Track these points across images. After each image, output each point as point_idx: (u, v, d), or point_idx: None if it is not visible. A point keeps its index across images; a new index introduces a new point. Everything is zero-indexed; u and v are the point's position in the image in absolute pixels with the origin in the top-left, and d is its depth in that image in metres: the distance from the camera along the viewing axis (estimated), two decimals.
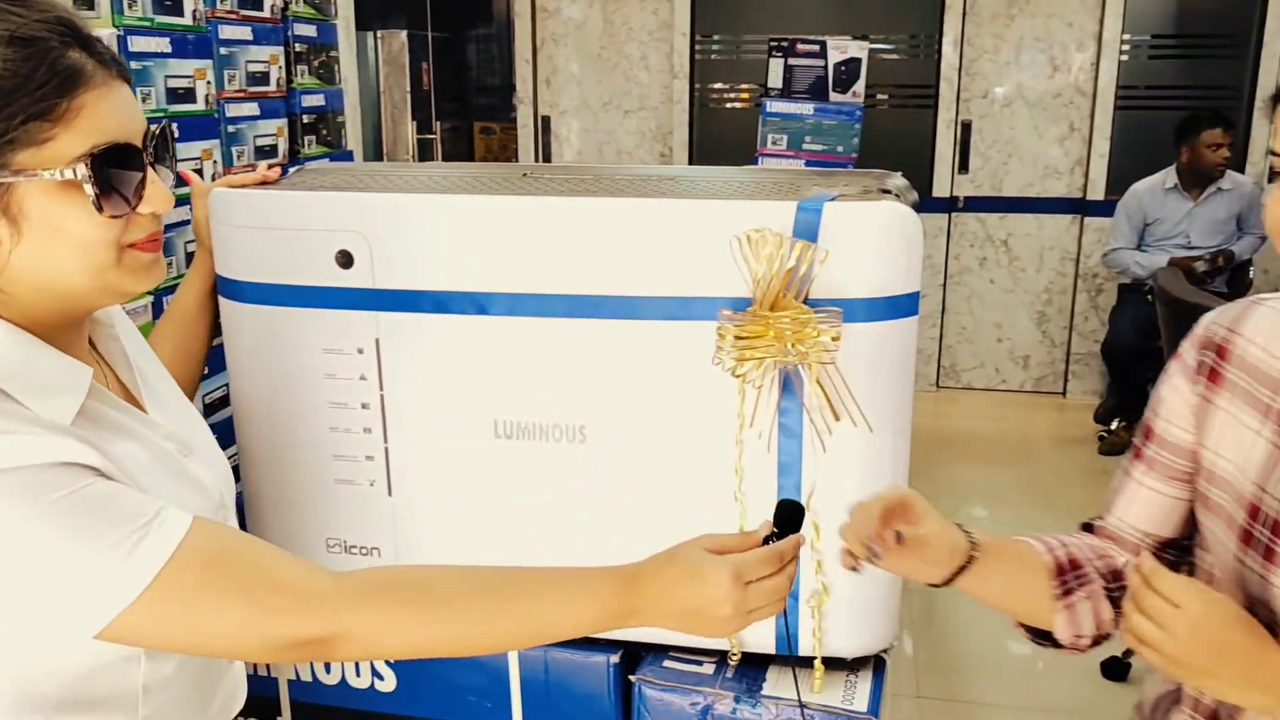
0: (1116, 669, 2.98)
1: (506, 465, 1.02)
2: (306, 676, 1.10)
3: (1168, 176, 4.42)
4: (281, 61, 2.72)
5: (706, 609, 0.81)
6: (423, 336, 1.00)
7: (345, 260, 1.00)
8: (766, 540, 0.83)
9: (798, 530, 0.85)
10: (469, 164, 1.47)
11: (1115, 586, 1.02)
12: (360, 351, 1.02)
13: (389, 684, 1.08)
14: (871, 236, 0.93)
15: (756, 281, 0.92)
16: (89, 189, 0.69)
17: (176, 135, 0.83)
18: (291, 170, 1.18)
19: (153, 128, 0.75)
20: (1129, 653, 2.92)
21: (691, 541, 0.84)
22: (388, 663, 1.08)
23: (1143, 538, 1.04)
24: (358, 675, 1.09)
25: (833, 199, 0.94)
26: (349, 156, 3.14)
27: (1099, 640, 1.03)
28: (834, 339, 0.93)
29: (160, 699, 0.77)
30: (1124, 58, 4.98)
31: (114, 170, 0.71)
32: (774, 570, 0.83)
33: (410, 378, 1.02)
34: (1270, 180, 0.88)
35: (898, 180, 1.11)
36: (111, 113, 0.71)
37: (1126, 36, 4.95)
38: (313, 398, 1.04)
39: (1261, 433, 0.96)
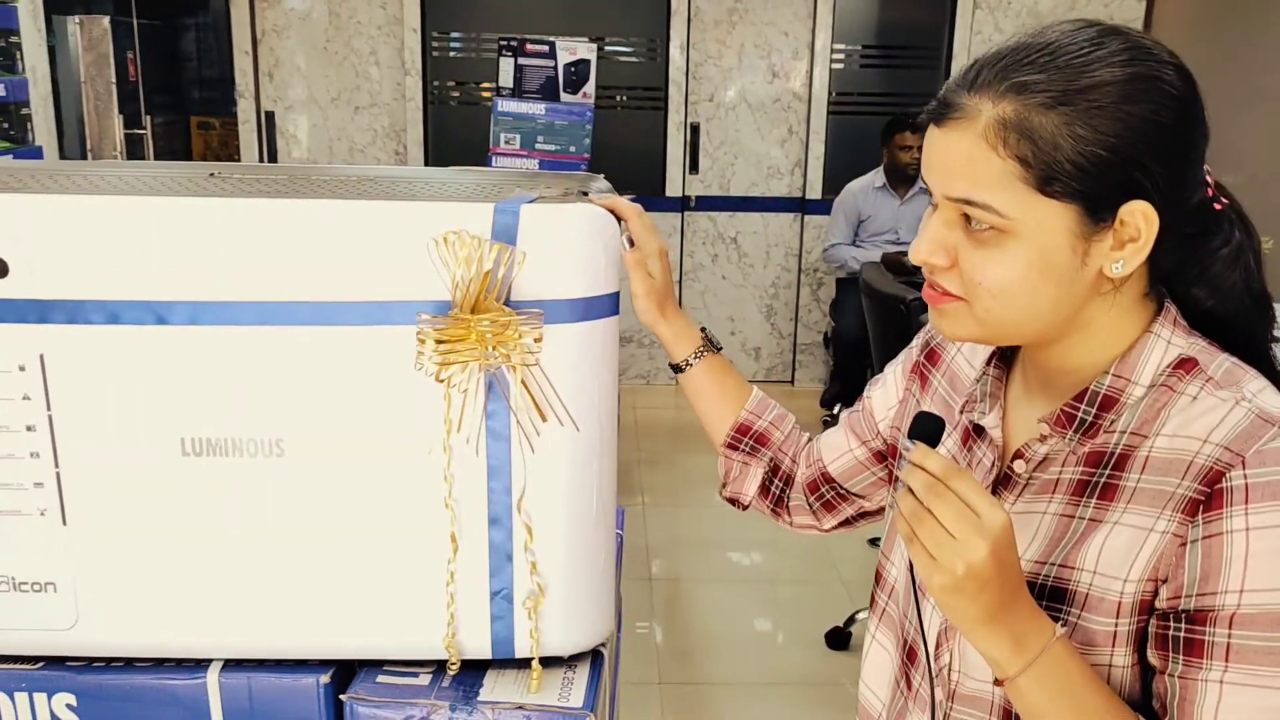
0: (839, 638, 3.19)
1: (197, 485, 0.96)
2: None
3: (877, 176, 4.78)
4: None
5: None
6: (95, 350, 0.92)
7: (0, 269, 0.90)
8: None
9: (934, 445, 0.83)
10: (152, 163, 1.37)
11: (777, 478, 1.20)
12: (22, 369, 0.92)
13: None
14: (568, 238, 0.94)
15: (456, 284, 0.91)
16: None
17: None
18: None
19: None
20: (850, 622, 3.14)
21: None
22: (70, 707, 0.99)
23: (819, 460, 1.19)
24: None
25: (531, 201, 0.94)
26: (37, 153, 2.88)
27: (740, 505, 1.23)
28: (536, 340, 0.93)
29: None
30: (838, 66, 5.34)
31: None
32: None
33: (83, 396, 0.94)
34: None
35: (601, 183, 1.13)
36: None
37: (840, 46, 5.31)
38: None
39: (946, 442, 0.97)
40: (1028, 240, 0.78)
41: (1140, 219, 0.78)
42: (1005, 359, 0.96)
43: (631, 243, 1.04)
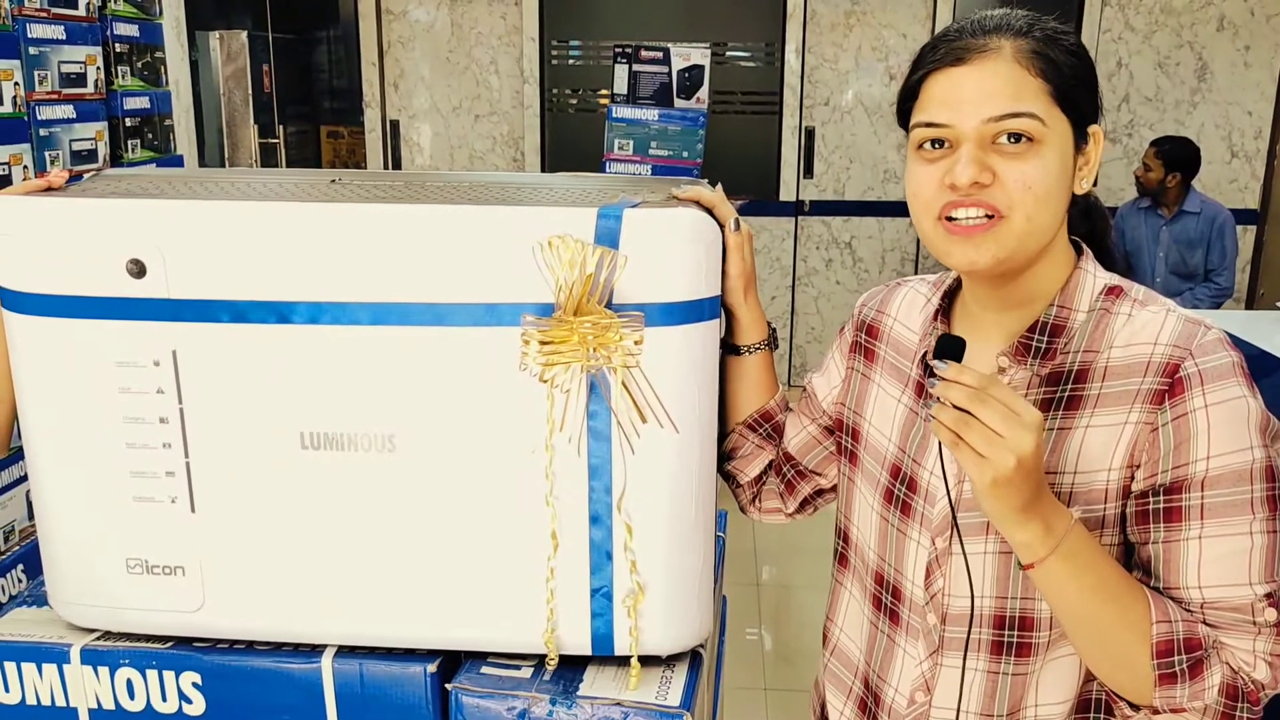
0: None
1: (315, 477, 1.00)
2: (109, 704, 1.06)
3: None
4: (100, 62, 2.60)
5: None
6: (222, 347, 0.98)
7: (138, 269, 0.96)
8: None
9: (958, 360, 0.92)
10: (278, 170, 1.45)
11: (771, 469, 1.24)
12: (156, 364, 0.99)
13: (198, 707, 1.05)
14: (669, 242, 0.96)
15: (560, 287, 0.93)
16: None
17: None
18: (86, 176, 1.13)
19: None
20: None
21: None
22: (196, 685, 1.05)
23: (784, 444, 1.25)
24: (164, 700, 1.05)
25: (634, 206, 0.96)
26: (178, 161, 3.04)
27: (733, 482, 1.26)
28: (637, 342, 0.95)
29: None
30: None
31: None
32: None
33: (211, 390, 0.99)
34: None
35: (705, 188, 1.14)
36: None
37: None
38: (107, 413, 1.00)
39: (901, 399, 1.10)
40: (1052, 147, 0.92)
41: (1094, 142, 0.96)
42: (947, 315, 1.09)
43: (738, 225, 1.06)
